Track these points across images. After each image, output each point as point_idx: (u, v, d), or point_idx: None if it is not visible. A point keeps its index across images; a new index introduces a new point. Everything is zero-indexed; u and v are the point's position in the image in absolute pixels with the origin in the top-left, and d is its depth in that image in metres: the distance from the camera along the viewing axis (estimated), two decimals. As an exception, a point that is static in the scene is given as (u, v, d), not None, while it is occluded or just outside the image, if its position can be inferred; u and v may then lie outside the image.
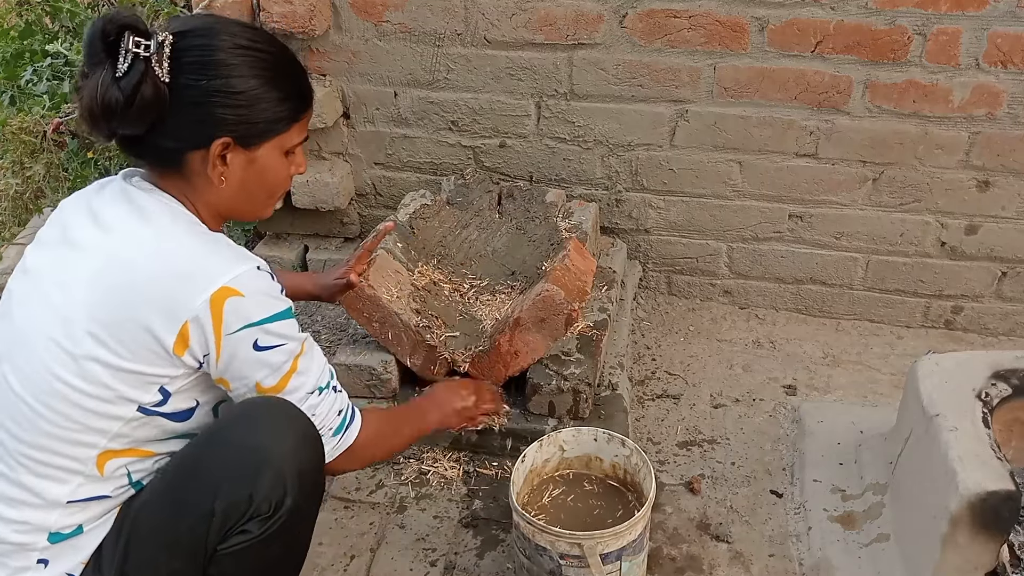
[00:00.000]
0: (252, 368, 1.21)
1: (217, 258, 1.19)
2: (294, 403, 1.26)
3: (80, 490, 1.20)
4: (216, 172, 1.22)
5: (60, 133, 2.60)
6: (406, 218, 2.15)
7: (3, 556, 1.20)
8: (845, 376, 2.23)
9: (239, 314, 1.17)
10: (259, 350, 1.20)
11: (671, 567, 1.70)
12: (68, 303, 1.16)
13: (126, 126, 1.16)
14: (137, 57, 1.12)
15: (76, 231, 1.22)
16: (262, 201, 1.32)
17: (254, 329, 1.18)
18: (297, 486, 1.22)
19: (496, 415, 1.86)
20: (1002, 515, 1.39)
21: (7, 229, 2.76)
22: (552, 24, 2.20)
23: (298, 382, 1.26)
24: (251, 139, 1.22)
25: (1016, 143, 2.13)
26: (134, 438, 1.21)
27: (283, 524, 1.22)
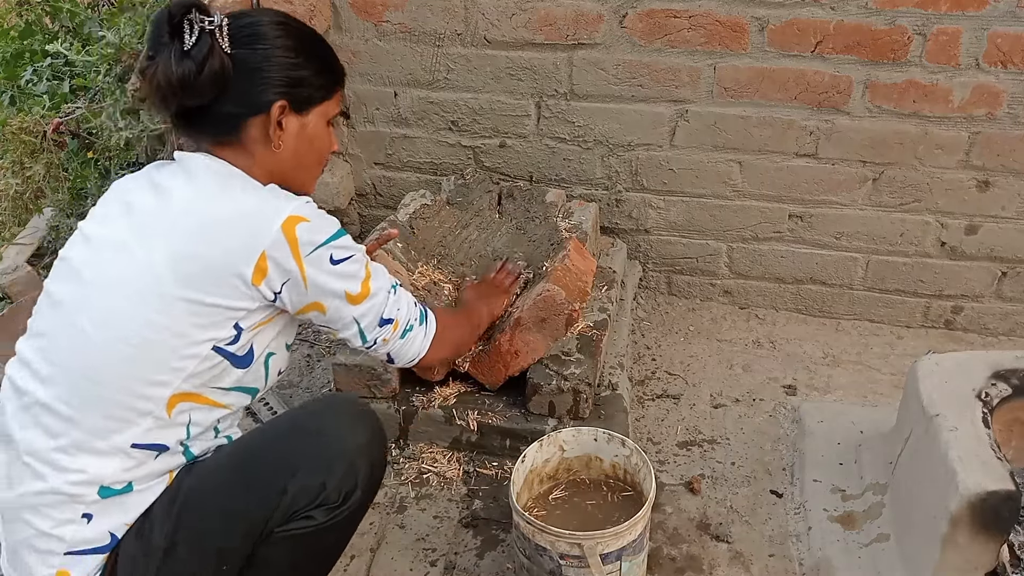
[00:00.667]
0: (337, 280, 1.31)
1: (274, 197, 1.29)
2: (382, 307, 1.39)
3: (147, 434, 1.23)
4: (276, 135, 1.31)
5: (60, 133, 2.60)
6: (406, 218, 2.15)
7: (49, 507, 1.21)
8: (845, 376, 2.23)
9: (311, 235, 1.26)
10: (335, 263, 1.30)
11: (671, 567, 1.70)
12: (146, 253, 1.23)
13: (196, 96, 1.25)
14: (203, 31, 1.23)
15: (141, 200, 1.29)
16: (310, 169, 1.41)
17: (327, 247, 1.28)
18: (367, 480, 1.32)
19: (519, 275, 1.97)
20: (1002, 515, 1.39)
21: (7, 229, 2.76)
22: (552, 24, 2.20)
23: (377, 284, 1.38)
24: (303, 103, 1.33)
25: (1016, 143, 2.13)
26: (204, 380, 1.26)
27: (347, 516, 1.30)
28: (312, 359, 2.32)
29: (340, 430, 1.32)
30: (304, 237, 1.25)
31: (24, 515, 1.21)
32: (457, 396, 1.95)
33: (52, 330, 1.26)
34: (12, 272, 2.61)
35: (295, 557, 1.30)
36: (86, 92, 2.65)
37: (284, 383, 2.21)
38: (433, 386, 1.97)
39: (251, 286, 1.23)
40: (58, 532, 1.21)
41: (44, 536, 1.21)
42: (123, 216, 1.29)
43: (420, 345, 1.49)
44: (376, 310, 1.39)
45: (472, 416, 1.90)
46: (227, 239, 1.23)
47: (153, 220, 1.26)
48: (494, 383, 1.93)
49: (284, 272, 1.25)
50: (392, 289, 1.43)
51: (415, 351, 1.49)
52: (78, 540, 1.21)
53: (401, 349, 1.46)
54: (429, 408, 1.93)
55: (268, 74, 1.29)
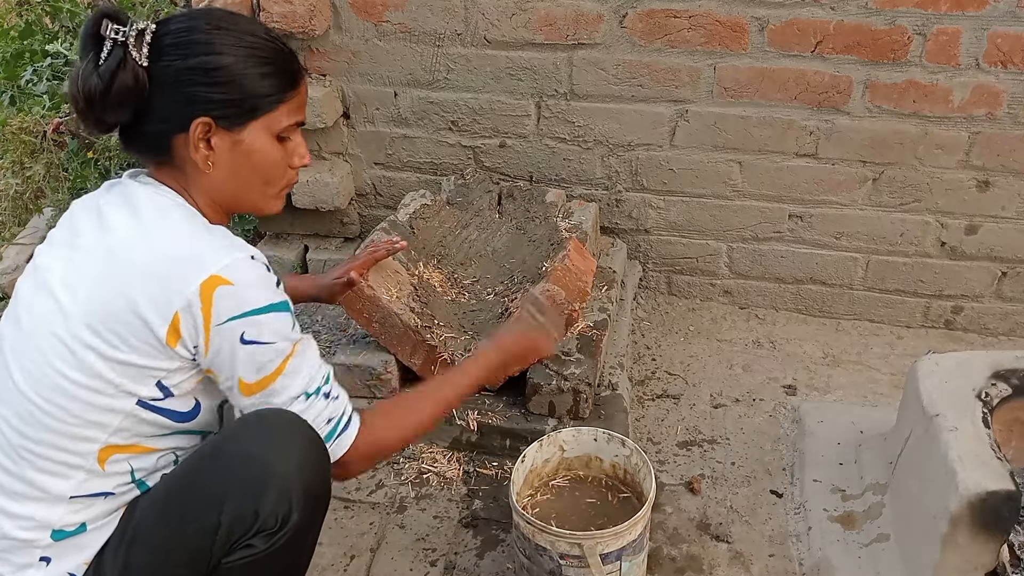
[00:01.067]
0: (237, 363, 1.17)
1: (208, 247, 1.18)
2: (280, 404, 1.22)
3: (83, 486, 1.19)
4: (200, 155, 1.20)
5: (60, 133, 2.60)
6: (406, 218, 2.15)
7: (6, 552, 1.19)
8: (845, 376, 2.23)
9: (228, 304, 1.14)
10: (245, 343, 1.16)
11: (671, 567, 1.70)
12: (70, 301, 1.16)
13: (109, 113, 1.17)
14: (115, 43, 1.14)
15: (83, 232, 1.22)
16: (257, 189, 1.28)
17: (243, 320, 1.15)
18: (303, 502, 1.20)
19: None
20: (1002, 515, 1.39)
21: (7, 229, 2.76)
22: (552, 24, 2.20)
23: (283, 384, 1.21)
24: (233, 119, 1.20)
25: (1016, 143, 2.13)
26: (135, 432, 1.20)
27: (289, 539, 1.21)
28: (312, 359, 2.31)
29: (268, 451, 1.18)
30: (220, 304, 1.14)
31: None
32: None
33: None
34: (12, 272, 2.61)
35: None
36: (86, 92, 2.65)
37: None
38: (433, 386, 1.97)
39: (166, 346, 1.14)
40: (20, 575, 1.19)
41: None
42: (65, 246, 1.23)
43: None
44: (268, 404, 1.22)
45: (472, 416, 1.90)
46: (143, 292, 1.14)
47: (84, 261, 1.19)
48: (494, 383, 1.93)
49: (195, 336, 1.15)
50: (304, 396, 1.23)
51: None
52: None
53: None
54: (429, 408, 1.93)
55: (188, 88, 1.18)
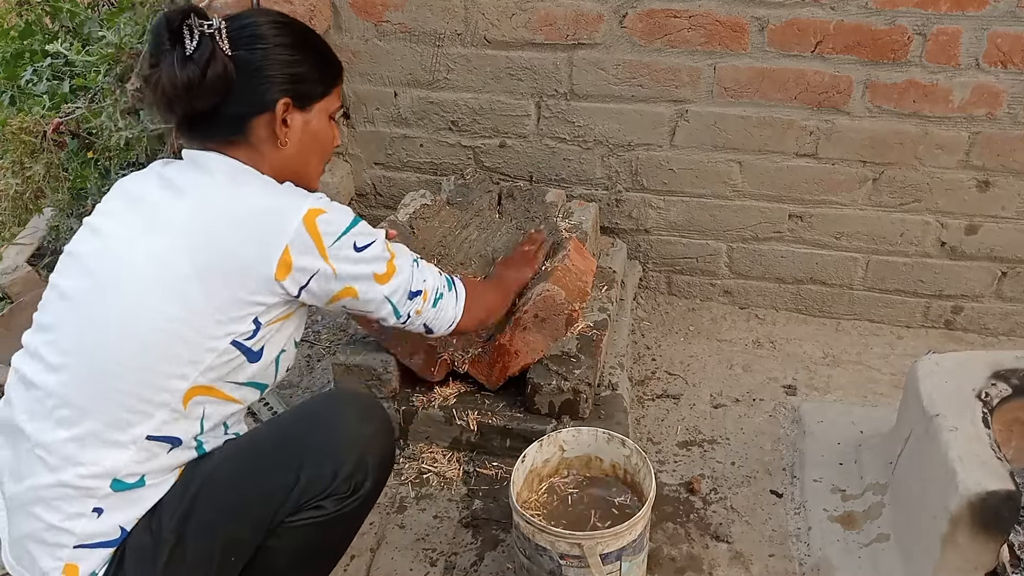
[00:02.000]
0: (364, 265, 1.34)
1: (291, 192, 1.32)
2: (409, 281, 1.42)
3: (163, 427, 1.23)
4: (282, 131, 1.33)
5: (60, 133, 2.60)
6: (406, 218, 2.15)
7: (60, 500, 1.21)
8: (845, 376, 2.23)
9: (331, 227, 1.29)
10: (359, 250, 1.33)
11: (671, 567, 1.70)
12: (164, 247, 1.23)
13: (202, 99, 1.27)
14: (204, 35, 1.25)
15: (152, 194, 1.29)
16: (315, 164, 1.43)
17: (348, 235, 1.31)
18: (377, 471, 1.34)
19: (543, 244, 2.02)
20: (1002, 515, 1.39)
21: (7, 229, 2.76)
22: (552, 24, 2.20)
23: (401, 261, 1.41)
24: (305, 100, 1.35)
25: (1016, 143, 2.13)
26: (220, 374, 1.27)
27: (357, 506, 1.32)
28: (312, 359, 2.32)
29: (349, 421, 1.34)
30: (325, 229, 1.28)
31: (34, 508, 1.21)
32: (457, 396, 1.95)
33: (64, 323, 1.25)
34: (12, 272, 2.61)
35: (302, 548, 1.31)
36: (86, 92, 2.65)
37: (284, 383, 2.21)
38: (433, 386, 1.97)
39: (274, 281, 1.24)
40: (68, 525, 1.20)
41: (53, 529, 1.20)
42: (134, 211, 1.29)
43: (453, 311, 1.53)
44: (404, 285, 1.42)
45: (472, 416, 1.90)
46: (249, 235, 1.24)
47: (169, 214, 1.26)
48: (494, 383, 1.93)
49: (310, 265, 1.27)
50: (415, 263, 1.47)
51: (449, 317, 1.52)
52: (88, 534, 1.21)
53: (435, 318, 1.50)
54: (429, 408, 1.93)
55: (270, 73, 1.31)
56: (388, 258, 1.39)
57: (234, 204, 1.27)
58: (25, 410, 1.24)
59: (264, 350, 1.31)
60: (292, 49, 1.33)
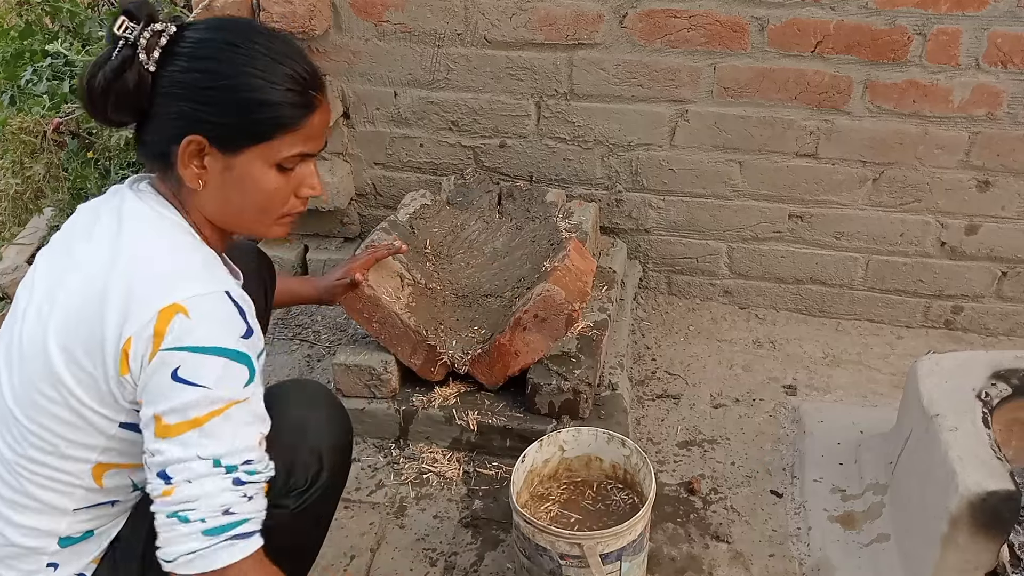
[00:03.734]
0: (160, 396, 1.04)
1: (185, 273, 1.10)
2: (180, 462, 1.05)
3: (85, 498, 1.17)
4: (190, 172, 1.13)
5: (60, 133, 2.60)
6: (406, 218, 2.15)
7: (13, 559, 1.18)
8: (845, 376, 2.23)
9: (177, 333, 1.04)
10: (176, 380, 1.03)
11: (671, 567, 1.70)
12: (52, 317, 1.11)
13: (112, 111, 1.12)
14: (126, 43, 1.10)
15: (76, 241, 1.18)
16: (251, 216, 1.19)
17: (182, 353, 1.03)
18: (331, 460, 1.29)
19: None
20: (1002, 515, 1.39)
21: (7, 229, 2.76)
22: (552, 24, 2.20)
23: (195, 438, 1.04)
24: (227, 142, 1.12)
25: (1016, 143, 2.13)
26: (124, 451, 1.15)
27: (319, 496, 1.27)
28: (312, 359, 2.32)
29: (295, 413, 1.27)
30: (174, 331, 1.03)
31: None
32: (457, 396, 1.95)
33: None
34: (12, 272, 2.61)
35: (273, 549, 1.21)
36: (86, 92, 2.64)
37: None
38: (433, 386, 1.97)
39: (120, 377, 1.06)
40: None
41: None
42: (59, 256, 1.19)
43: (174, 550, 1.05)
44: (168, 460, 1.04)
45: (472, 416, 1.90)
46: (107, 318, 1.06)
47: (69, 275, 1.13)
48: (494, 383, 1.93)
49: (141, 364, 1.05)
50: (213, 461, 1.04)
51: (171, 552, 1.05)
52: None
53: (161, 529, 1.06)
54: (429, 408, 1.93)
55: (188, 103, 1.11)
56: (188, 420, 1.03)
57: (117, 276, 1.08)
58: None
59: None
60: (232, 79, 1.11)
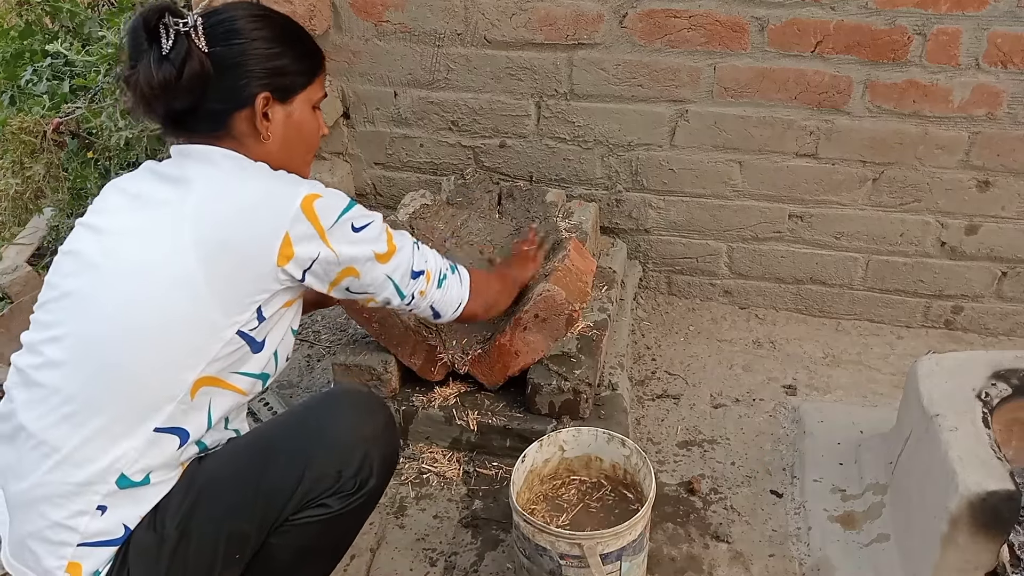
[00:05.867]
0: (363, 245, 1.34)
1: (288, 179, 1.33)
2: (410, 259, 1.42)
3: (170, 419, 1.23)
4: (263, 126, 1.33)
5: (60, 133, 2.60)
6: (406, 218, 2.15)
7: (64, 497, 1.20)
8: (845, 376, 2.23)
9: (328, 209, 1.29)
10: (358, 230, 1.33)
11: (671, 567, 1.70)
12: (168, 240, 1.23)
13: (180, 97, 1.27)
14: (179, 33, 1.25)
15: (154, 192, 1.29)
16: (301, 156, 1.42)
17: (346, 217, 1.31)
18: (381, 468, 1.35)
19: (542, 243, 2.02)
20: (1002, 515, 1.39)
21: (7, 229, 2.76)
22: (552, 24, 2.20)
23: (401, 241, 1.42)
24: (286, 92, 1.35)
25: (1016, 143, 2.13)
26: (225, 365, 1.27)
27: (361, 503, 1.33)
28: (312, 359, 2.32)
29: (354, 419, 1.35)
30: (323, 212, 1.28)
31: (38, 506, 1.21)
32: (457, 396, 1.95)
33: (67, 320, 1.24)
34: (12, 272, 2.61)
35: (304, 545, 1.32)
36: (86, 92, 2.65)
37: (284, 383, 2.21)
38: (433, 386, 1.97)
39: (276, 267, 1.25)
40: (72, 523, 1.20)
41: (57, 527, 1.20)
42: (134, 208, 1.29)
43: (459, 293, 1.52)
44: (406, 264, 1.42)
45: (472, 416, 1.90)
46: (250, 224, 1.25)
47: (174, 208, 1.26)
48: (494, 383, 1.93)
49: (311, 249, 1.27)
50: (416, 244, 1.46)
51: (455, 299, 1.52)
52: (91, 532, 1.21)
53: (442, 299, 1.49)
54: (429, 408, 1.93)
55: (248, 67, 1.30)
56: (387, 238, 1.39)
57: (236, 195, 1.27)
58: (28, 408, 1.23)
59: (266, 340, 1.31)
60: (270, 42, 1.33)
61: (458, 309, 1.53)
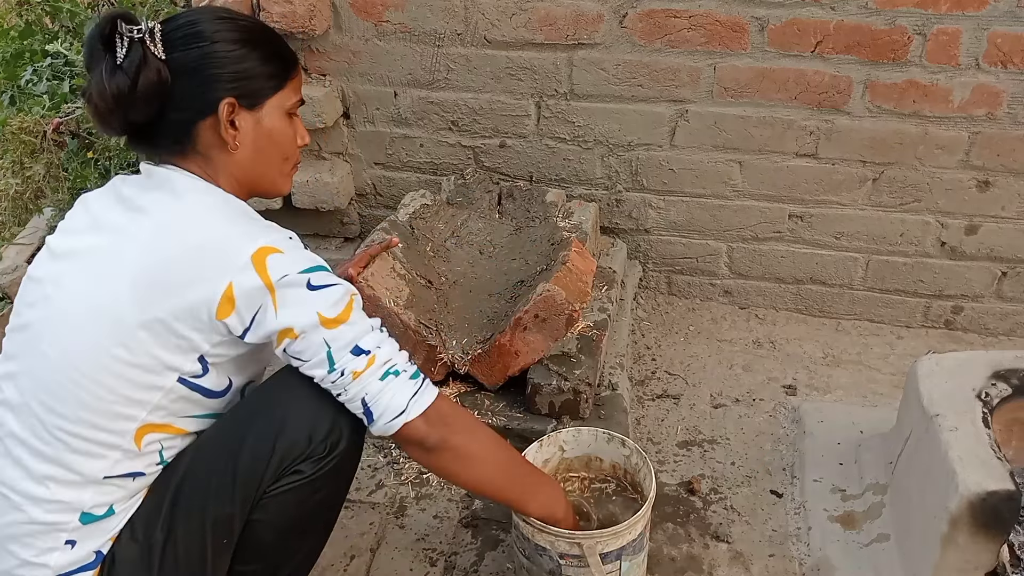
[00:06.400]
0: (311, 303, 1.20)
1: (253, 226, 1.24)
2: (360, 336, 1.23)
3: (117, 466, 1.20)
4: (229, 135, 1.25)
5: (60, 133, 2.60)
6: (406, 218, 2.15)
7: (30, 537, 1.19)
8: (845, 376, 2.23)
9: (283, 265, 1.18)
10: (313, 289, 1.20)
11: (671, 567, 1.70)
12: (115, 278, 1.17)
13: (138, 109, 1.20)
14: (132, 41, 1.18)
15: (111, 218, 1.23)
16: (276, 167, 1.34)
17: (302, 275, 1.20)
18: (351, 430, 1.29)
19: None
20: (1002, 515, 1.39)
21: (7, 229, 2.76)
22: (552, 24, 2.20)
23: (358, 316, 1.24)
24: (253, 97, 1.27)
25: (1016, 143, 2.13)
26: (172, 411, 1.23)
27: (334, 466, 1.28)
28: (312, 359, 2.31)
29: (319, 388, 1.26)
30: (275, 268, 1.17)
31: (7, 545, 1.20)
32: (457, 396, 1.95)
33: (20, 355, 1.22)
34: (12, 272, 2.61)
35: (287, 518, 1.29)
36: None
37: (284, 383, 2.21)
38: (433, 386, 1.97)
39: (214, 320, 1.16)
40: (42, 560, 1.19)
41: (28, 565, 1.19)
42: (90, 231, 1.24)
43: (403, 400, 1.24)
44: (351, 335, 1.22)
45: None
46: (194, 268, 1.17)
47: (124, 240, 1.20)
48: (494, 383, 1.93)
49: (253, 305, 1.17)
50: (379, 329, 1.27)
51: (396, 405, 1.24)
52: (63, 564, 1.20)
53: (379, 396, 1.24)
54: (429, 408, 1.93)
55: (209, 71, 1.22)
56: (344, 306, 1.22)
57: (187, 235, 1.19)
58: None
59: (229, 388, 1.28)
60: (233, 44, 1.24)
61: (395, 419, 1.24)
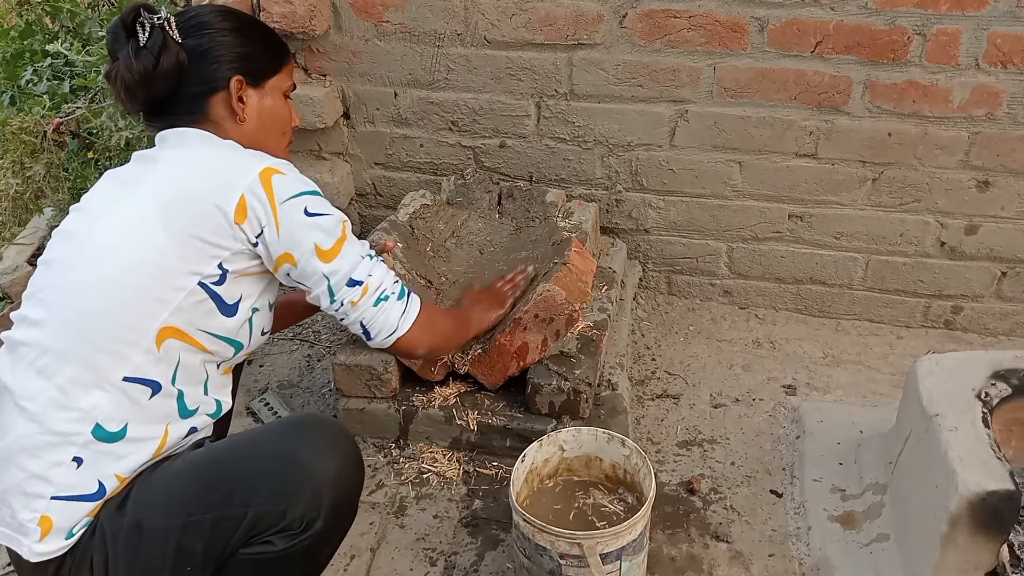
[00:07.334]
0: (309, 232, 1.34)
1: (255, 155, 1.39)
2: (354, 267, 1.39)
3: (138, 369, 1.27)
4: (238, 107, 1.42)
5: (60, 133, 2.60)
6: (406, 218, 2.15)
7: (41, 448, 1.23)
8: (845, 376, 2.23)
9: (285, 186, 1.33)
10: (310, 215, 1.35)
11: (671, 567, 1.70)
12: (135, 199, 1.31)
13: (159, 85, 1.36)
14: (155, 27, 1.35)
15: (131, 174, 1.38)
16: (276, 139, 1.51)
17: (301, 198, 1.34)
18: (331, 513, 1.28)
19: (517, 286, 1.95)
20: (1002, 515, 1.39)
21: (7, 229, 2.76)
22: (552, 24, 2.20)
23: (351, 247, 1.40)
24: (257, 76, 1.45)
25: (1016, 143, 2.13)
26: (190, 318, 1.30)
27: (308, 546, 1.27)
28: (312, 359, 2.32)
29: (309, 456, 1.27)
30: (279, 186, 1.32)
31: (16, 458, 1.23)
32: (457, 396, 1.95)
33: (46, 283, 1.31)
34: (12, 272, 2.61)
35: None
36: (86, 92, 2.65)
37: (284, 383, 2.21)
38: (433, 386, 1.97)
39: (233, 224, 1.29)
40: (47, 474, 1.22)
41: (33, 479, 1.22)
42: (112, 185, 1.39)
43: (396, 320, 1.45)
44: (346, 268, 1.39)
45: (472, 416, 1.90)
46: (210, 179, 1.31)
47: (142, 176, 1.35)
48: (494, 383, 1.93)
49: (261, 217, 1.30)
50: (368, 256, 1.43)
51: (390, 324, 1.44)
52: (66, 484, 1.23)
53: (374, 319, 1.43)
54: (429, 408, 1.93)
55: (218, 53, 1.40)
56: (338, 237, 1.38)
57: (201, 159, 1.36)
58: (9, 368, 1.28)
59: (239, 306, 1.35)
60: (236, 33, 1.43)
61: (391, 336, 1.45)
